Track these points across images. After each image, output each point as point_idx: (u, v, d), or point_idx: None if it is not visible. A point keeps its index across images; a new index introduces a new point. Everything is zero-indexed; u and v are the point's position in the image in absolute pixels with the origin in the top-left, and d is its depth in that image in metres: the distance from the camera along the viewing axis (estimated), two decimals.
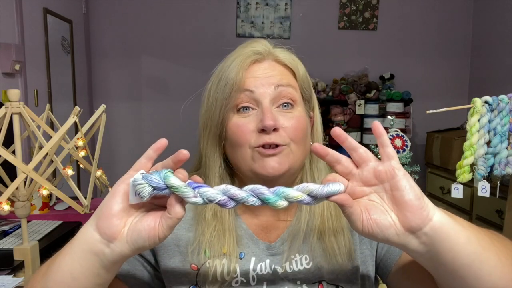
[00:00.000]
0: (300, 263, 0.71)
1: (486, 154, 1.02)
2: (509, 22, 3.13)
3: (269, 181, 0.67)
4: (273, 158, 0.67)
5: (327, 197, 0.52)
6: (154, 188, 0.51)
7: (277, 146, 0.67)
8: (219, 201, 0.51)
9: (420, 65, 3.61)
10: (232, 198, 0.52)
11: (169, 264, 0.71)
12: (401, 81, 3.46)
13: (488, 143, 1.04)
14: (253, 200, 0.52)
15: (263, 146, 0.67)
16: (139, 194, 0.51)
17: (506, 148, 1.02)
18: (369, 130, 3.34)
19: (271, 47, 0.73)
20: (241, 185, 0.72)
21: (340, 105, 3.32)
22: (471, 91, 3.61)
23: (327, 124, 3.35)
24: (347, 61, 3.51)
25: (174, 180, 0.51)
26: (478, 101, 1.02)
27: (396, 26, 3.57)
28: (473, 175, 1.03)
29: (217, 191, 0.52)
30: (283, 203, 0.52)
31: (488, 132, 1.01)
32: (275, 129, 0.67)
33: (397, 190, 0.52)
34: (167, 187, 0.51)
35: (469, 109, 1.03)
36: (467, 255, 0.51)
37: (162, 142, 0.56)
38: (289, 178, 0.72)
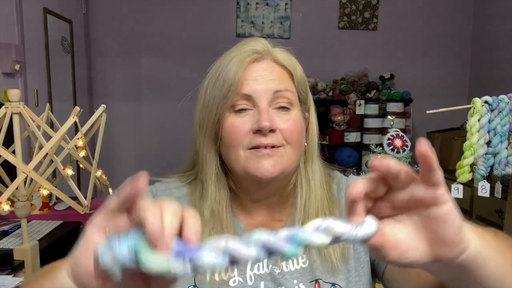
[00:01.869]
0: (297, 262, 0.71)
1: (486, 154, 1.01)
2: (509, 22, 3.13)
3: (263, 183, 0.69)
4: (267, 159, 0.67)
5: (362, 241, 0.40)
6: (125, 265, 0.36)
7: (272, 147, 0.67)
8: (219, 269, 0.37)
9: (420, 65, 3.61)
10: (235, 260, 0.37)
11: None
12: (401, 81, 3.46)
13: (488, 143, 1.04)
14: (263, 257, 0.38)
15: (258, 147, 0.67)
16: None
17: (506, 148, 1.02)
18: (369, 130, 3.34)
19: (270, 47, 0.72)
20: (236, 185, 0.73)
21: (340, 105, 3.32)
22: (471, 91, 3.61)
23: (327, 124, 3.35)
24: (347, 61, 3.51)
25: (151, 258, 0.35)
26: (478, 101, 1.02)
27: (396, 26, 3.57)
28: (473, 175, 1.02)
29: (216, 255, 0.36)
30: (301, 253, 0.39)
31: (488, 132, 1.01)
32: (271, 130, 0.67)
33: (439, 222, 0.39)
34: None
35: (469, 109, 1.03)
36: (495, 280, 0.47)
37: (137, 187, 0.37)
38: (283, 180, 0.72)
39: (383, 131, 3.33)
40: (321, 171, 0.76)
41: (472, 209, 2.64)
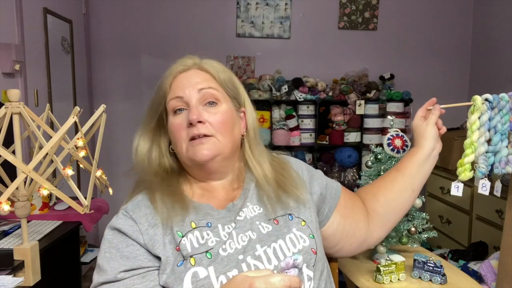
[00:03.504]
0: (253, 210, 0.88)
1: (486, 152, 1.01)
2: (509, 22, 3.12)
3: (203, 166, 0.86)
4: (201, 146, 0.84)
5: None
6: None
7: (205, 136, 0.85)
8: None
9: (420, 65, 3.61)
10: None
11: (165, 257, 0.80)
12: (401, 81, 3.46)
13: (488, 142, 1.03)
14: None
15: (193, 138, 0.84)
16: None
17: (506, 146, 1.01)
18: (369, 130, 3.34)
19: (197, 60, 0.95)
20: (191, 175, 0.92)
21: (340, 105, 3.32)
22: (471, 91, 3.61)
23: (327, 124, 3.35)
24: (347, 61, 3.51)
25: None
26: (478, 99, 1.00)
27: (396, 26, 3.57)
28: (474, 173, 1.01)
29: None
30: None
31: (488, 130, 1.00)
32: (201, 122, 0.85)
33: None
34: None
35: (468, 107, 1.02)
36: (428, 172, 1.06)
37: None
38: (223, 162, 0.89)
39: (383, 131, 3.33)
40: (266, 153, 0.97)
41: (472, 208, 2.65)
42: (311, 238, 0.87)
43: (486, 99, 0.99)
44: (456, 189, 1.05)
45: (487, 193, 1.01)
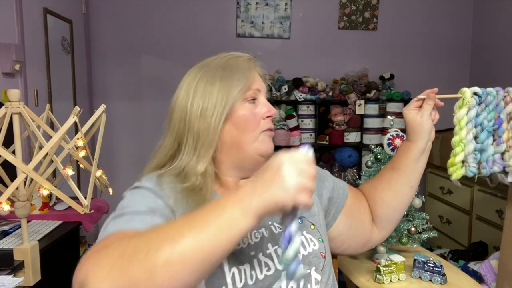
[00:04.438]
0: None
1: (474, 150, 0.94)
2: (509, 22, 3.13)
3: (260, 160, 0.84)
4: (271, 140, 0.87)
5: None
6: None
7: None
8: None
9: (420, 65, 3.60)
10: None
11: None
12: (401, 81, 3.46)
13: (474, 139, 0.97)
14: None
15: (268, 130, 0.85)
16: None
17: (491, 145, 0.95)
18: (369, 130, 3.34)
19: None
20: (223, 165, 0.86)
21: (340, 105, 3.32)
22: None
23: (327, 124, 3.35)
24: (347, 61, 3.51)
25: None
26: (467, 92, 0.90)
27: (396, 26, 3.57)
28: (464, 171, 0.94)
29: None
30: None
31: (475, 127, 0.93)
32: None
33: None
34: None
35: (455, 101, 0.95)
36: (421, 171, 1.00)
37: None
38: None
39: (383, 131, 3.33)
40: None
41: (472, 208, 2.65)
42: (320, 242, 0.87)
43: (475, 93, 0.91)
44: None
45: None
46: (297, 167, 0.60)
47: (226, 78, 0.83)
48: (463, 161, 0.94)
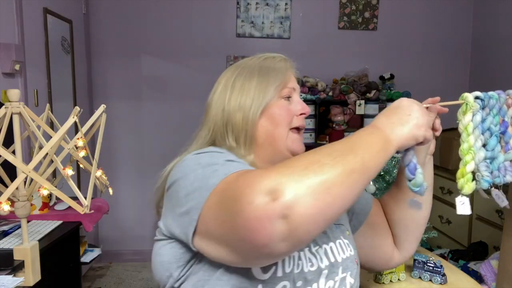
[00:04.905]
0: None
1: (485, 158, 0.85)
2: (509, 22, 3.12)
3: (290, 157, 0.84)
4: (301, 140, 0.90)
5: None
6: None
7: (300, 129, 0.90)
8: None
9: (420, 65, 3.61)
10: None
11: None
12: (401, 81, 3.46)
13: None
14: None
15: (297, 128, 0.89)
16: None
17: (500, 152, 0.87)
18: None
19: None
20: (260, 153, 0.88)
21: (340, 105, 3.32)
22: (471, 91, 3.59)
23: (327, 124, 3.35)
24: (347, 61, 3.51)
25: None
26: (470, 96, 0.84)
27: (396, 26, 3.57)
28: (476, 183, 0.83)
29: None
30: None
31: (482, 133, 0.85)
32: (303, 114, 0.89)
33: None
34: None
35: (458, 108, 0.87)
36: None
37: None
38: None
39: None
40: None
41: (472, 208, 2.64)
42: (354, 249, 0.88)
43: (477, 97, 0.85)
44: (462, 206, 0.86)
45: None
46: (423, 109, 0.76)
47: (263, 76, 0.87)
48: (473, 172, 0.84)
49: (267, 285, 0.72)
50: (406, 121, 0.72)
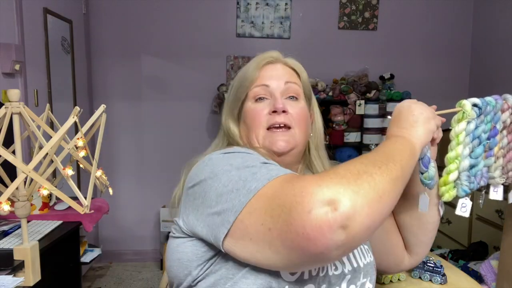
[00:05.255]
0: None
1: (469, 166, 0.84)
2: (509, 22, 3.12)
3: (278, 157, 0.85)
4: (281, 137, 0.85)
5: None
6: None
7: (284, 126, 0.86)
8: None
9: (420, 65, 3.61)
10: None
11: None
12: (401, 81, 3.46)
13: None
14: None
15: (274, 126, 0.85)
16: None
17: (481, 158, 0.85)
18: (369, 130, 3.34)
19: (281, 56, 0.95)
20: None
21: (340, 105, 3.32)
22: (471, 91, 3.61)
23: (327, 124, 3.35)
24: (347, 61, 3.51)
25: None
26: (468, 104, 0.81)
27: (396, 26, 3.57)
28: (455, 191, 0.84)
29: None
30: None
31: (472, 141, 0.83)
32: (284, 111, 0.86)
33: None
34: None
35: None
36: None
37: None
38: (295, 157, 0.90)
39: (383, 131, 3.33)
40: (327, 158, 1.00)
41: (472, 208, 2.64)
42: (372, 255, 0.90)
43: (475, 105, 0.82)
44: (464, 209, 0.87)
45: (467, 214, 0.87)
46: (421, 105, 0.78)
47: (236, 84, 0.91)
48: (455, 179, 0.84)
49: (293, 287, 0.71)
50: (415, 121, 0.75)
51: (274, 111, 0.85)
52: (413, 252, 0.98)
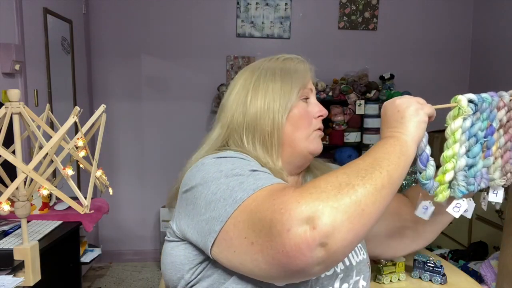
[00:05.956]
0: None
1: (466, 166, 0.80)
2: (509, 22, 3.13)
3: (310, 157, 0.89)
4: (320, 140, 0.90)
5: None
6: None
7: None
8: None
9: (420, 65, 3.61)
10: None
11: None
12: (401, 81, 3.46)
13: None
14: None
15: (318, 129, 0.89)
16: None
17: (480, 158, 0.82)
18: (369, 130, 3.34)
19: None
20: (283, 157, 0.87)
21: (340, 105, 3.32)
22: (471, 91, 3.60)
23: (327, 124, 3.35)
24: (347, 61, 3.51)
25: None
26: (463, 100, 0.78)
27: (396, 26, 3.57)
28: (451, 192, 0.78)
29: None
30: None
31: (468, 139, 0.79)
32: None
33: None
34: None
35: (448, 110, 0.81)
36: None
37: None
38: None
39: None
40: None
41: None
42: (366, 252, 0.90)
43: (471, 100, 0.79)
44: (424, 211, 0.81)
45: (458, 215, 0.83)
46: (405, 98, 0.75)
47: (286, 78, 0.87)
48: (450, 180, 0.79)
49: None
50: (402, 117, 0.72)
51: (320, 116, 0.89)
52: (421, 237, 0.97)
